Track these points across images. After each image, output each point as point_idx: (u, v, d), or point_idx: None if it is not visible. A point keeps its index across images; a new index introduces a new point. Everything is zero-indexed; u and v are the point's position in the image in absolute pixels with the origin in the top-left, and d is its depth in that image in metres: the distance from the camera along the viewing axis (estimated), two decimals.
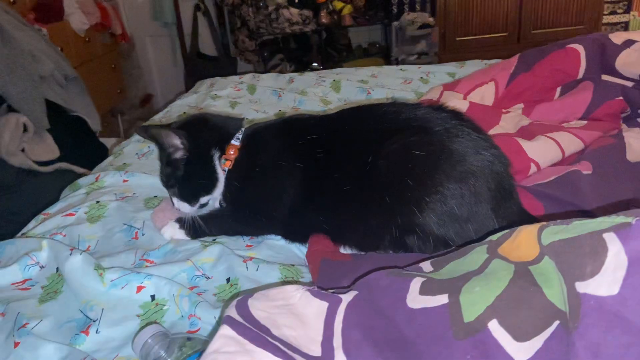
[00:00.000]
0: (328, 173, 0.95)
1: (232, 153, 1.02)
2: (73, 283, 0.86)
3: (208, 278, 0.90)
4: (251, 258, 0.93)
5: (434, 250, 0.83)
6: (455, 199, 0.82)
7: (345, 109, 1.05)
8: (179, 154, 1.01)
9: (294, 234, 1.01)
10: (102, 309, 0.81)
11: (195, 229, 1.02)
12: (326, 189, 0.95)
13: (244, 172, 1.02)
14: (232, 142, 1.03)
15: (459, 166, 0.83)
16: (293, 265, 0.93)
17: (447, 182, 0.82)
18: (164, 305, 0.82)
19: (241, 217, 1.03)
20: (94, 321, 0.79)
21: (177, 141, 1.00)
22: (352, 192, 0.91)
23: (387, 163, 0.87)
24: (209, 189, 1.03)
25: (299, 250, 1.00)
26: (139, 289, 0.84)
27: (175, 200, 1.03)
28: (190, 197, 1.03)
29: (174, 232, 1.02)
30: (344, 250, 0.95)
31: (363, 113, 1.00)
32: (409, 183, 0.84)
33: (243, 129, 1.05)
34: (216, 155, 1.02)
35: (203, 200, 1.04)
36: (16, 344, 0.74)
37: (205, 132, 1.04)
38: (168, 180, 1.03)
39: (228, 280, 0.89)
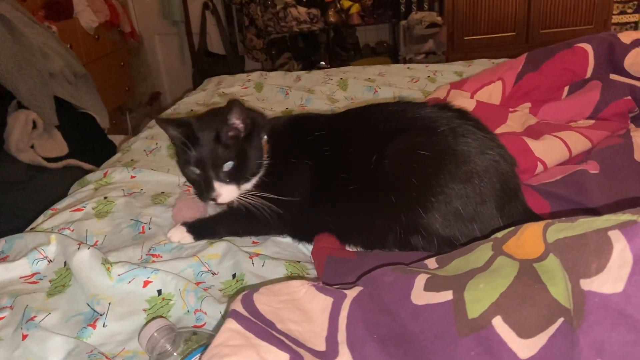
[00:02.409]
0: (334, 172, 0.95)
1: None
2: (81, 277, 0.87)
3: (214, 274, 0.90)
4: (257, 254, 0.94)
5: (439, 250, 0.84)
6: (460, 199, 0.82)
7: (351, 109, 1.05)
8: (236, 132, 0.95)
9: (302, 233, 1.01)
10: (109, 303, 0.82)
11: (203, 231, 1.01)
12: (333, 188, 0.96)
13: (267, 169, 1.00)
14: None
15: (464, 166, 0.83)
16: (299, 261, 0.93)
17: (452, 182, 0.82)
18: (170, 300, 0.83)
19: (252, 217, 1.00)
20: (101, 315, 0.80)
21: (244, 116, 0.95)
22: (358, 191, 0.91)
23: (392, 162, 0.87)
24: (256, 171, 0.98)
25: (304, 247, 1.00)
26: (146, 283, 0.84)
27: (218, 184, 0.94)
28: (239, 179, 0.96)
29: (181, 236, 1.00)
30: (350, 249, 0.96)
31: (369, 112, 1.00)
32: (414, 183, 0.84)
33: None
34: (264, 137, 1.00)
35: (246, 185, 0.98)
36: (24, 336, 0.74)
37: (254, 115, 1.01)
38: (215, 159, 0.94)
39: (234, 276, 0.89)
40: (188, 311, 0.81)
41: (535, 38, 3.44)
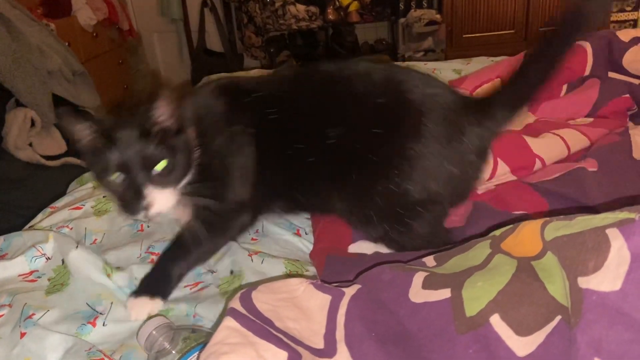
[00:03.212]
0: (286, 142, 0.86)
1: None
2: (81, 280, 0.87)
3: (213, 272, 0.90)
4: (257, 252, 0.94)
5: (426, 213, 0.83)
6: (421, 159, 0.81)
7: (283, 72, 0.98)
8: (165, 126, 0.80)
9: (266, 210, 0.96)
10: (112, 302, 0.82)
11: (164, 283, 0.85)
12: (289, 160, 0.87)
13: (201, 153, 0.85)
14: None
15: (415, 121, 0.81)
16: (298, 260, 0.93)
17: (410, 145, 0.81)
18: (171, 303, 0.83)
19: (208, 219, 0.86)
20: (101, 314, 0.80)
21: (173, 106, 0.80)
22: (320, 165, 0.86)
23: (347, 141, 0.84)
24: (189, 169, 0.83)
25: (304, 246, 1.00)
26: None
27: (150, 189, 0.78)
28: (175, 181, 0.81)
29: (150, 307, 0.80)
30: (352, 248, 0.94)
31: (307, 76, 0.92)
32: (374, 160, 0.82)
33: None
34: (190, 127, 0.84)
35: (178, 188, 0.83)
36: (22, 334, 0.74)
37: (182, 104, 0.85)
38: (145, 159, 0.77)
39: (232, 272, 0.89)
40: (187, 314, 0.81)
41: (534, 36, 3.44)
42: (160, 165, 0.78)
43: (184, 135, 0.82)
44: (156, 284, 0.84)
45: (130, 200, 0.78)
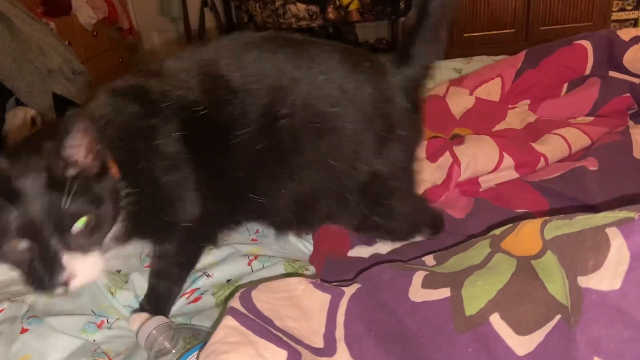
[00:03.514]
0: (225, 134, 0.76)
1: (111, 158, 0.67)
2: (89, 288, 0.87)
3: (208, 276, 0.89)
4: (256, 256, 0.92)
5: (400, 184, 0.83)
6: (363, 135, 0.79)
7: (203, 61, 0.79)
8: (86, 162, 0.61)
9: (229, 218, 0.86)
10: (117, 318, 0.82)
11: (162, 303, 0.82)
12: (233, 155, 0.77)
13: (131, 177, 0.68)
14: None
15: (351, 105, 0.79)
16: (297, 260, 0.93)
17: (356, 126, 0.78)
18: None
19: (170, 245, 0.78)
20: (107, 320, 0.80)
21: (90, 139, 0.60)
22: (270, 153, 0.78)
23: (297, 126, 0.77)
24: (117, 217, 0.66)
25: (304, 247, 1.00)
26: None
27: (68, 258, 0.59)
28: (100, 240, 0.64)
29: (141, 320, 0.75)
30: (351, 254, 0.93)
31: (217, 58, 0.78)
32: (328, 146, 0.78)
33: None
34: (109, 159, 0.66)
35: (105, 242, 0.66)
36: (24, 330, 0.74)
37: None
38: (58, 218, 0.57)
39: (229, 281, 0.88)
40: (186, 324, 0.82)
41: (534, 35, 3.43)
42: (80, 223, 0.59)
43: (107, 176, 0.63)
44: (156, 306, 0.81)
45: (42, 273, 0.58)
